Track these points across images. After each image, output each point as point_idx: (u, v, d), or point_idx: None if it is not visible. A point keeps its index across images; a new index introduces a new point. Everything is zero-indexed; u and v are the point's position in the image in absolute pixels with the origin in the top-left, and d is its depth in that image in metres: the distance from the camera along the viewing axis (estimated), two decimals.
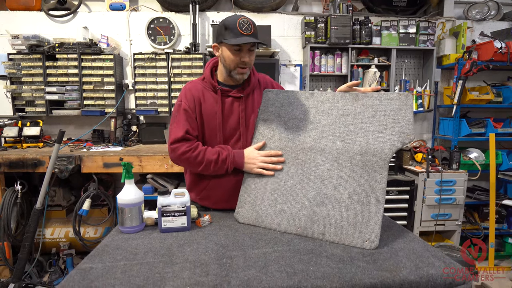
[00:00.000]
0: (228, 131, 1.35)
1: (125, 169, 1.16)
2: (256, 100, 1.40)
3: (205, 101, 1.34)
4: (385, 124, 1.13)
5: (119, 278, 0.84)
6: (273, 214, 1.17)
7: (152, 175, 2.45)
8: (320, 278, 0.84)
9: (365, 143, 1.13)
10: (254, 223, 1.19)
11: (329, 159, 1.16)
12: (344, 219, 1.05)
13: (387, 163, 1.07)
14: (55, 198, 2.67)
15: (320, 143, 1.20)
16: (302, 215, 1.11)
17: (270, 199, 1.20)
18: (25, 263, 2.17)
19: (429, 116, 3.32)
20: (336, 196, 1.10)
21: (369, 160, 1.10)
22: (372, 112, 1.17)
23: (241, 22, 1.21)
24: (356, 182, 1.09)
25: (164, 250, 1.01)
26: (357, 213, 1.04)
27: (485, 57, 2.82)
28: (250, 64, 1.30)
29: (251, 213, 1.21)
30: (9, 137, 2.61)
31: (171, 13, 3.01)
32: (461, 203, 2.78)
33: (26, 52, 2.75)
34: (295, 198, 1.16)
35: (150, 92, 2.87)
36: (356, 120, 1.18)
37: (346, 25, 2.83)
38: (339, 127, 1.20)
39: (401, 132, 1.10)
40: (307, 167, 1.19)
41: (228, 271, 0.87)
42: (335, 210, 1.08)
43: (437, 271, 0.89)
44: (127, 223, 1.16)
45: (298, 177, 1.19)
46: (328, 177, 1.14)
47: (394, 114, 1.13)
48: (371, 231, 1.00)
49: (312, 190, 1.15)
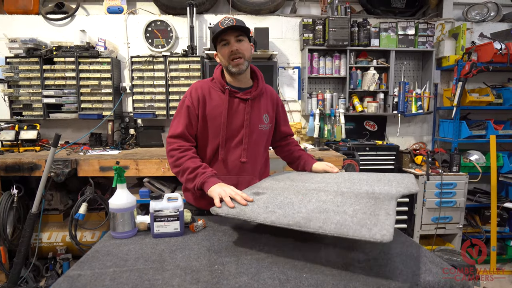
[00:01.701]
0: (231, 131, 1.36)
1: (117, 174, 1.14)
2: (262, 107, 1.42)
3: (211, 99, 1.35)
4: (390, 184, 1.17)
5: (107, 285, 0.82)
6: (261, 212, 0.98)
7: (149, 178, 2.43)
8: (314, 286, 0.81)
9: (371, 190, 1.12)
10: (235, 215, 0.98)
11: (332, 194, 1.10)
12: (349, 221, 0.86)
13: (395, 199, 1.02)
14: (52, 202, 2.65)
15: (325, 188, 1.18)
16: (297, 216, 0.93)
17: (261, 205, 1.03)
18: (21, 268, 2.15)
19: (429, 118, 3.30)
20: (340, 210, 0.95)
21: (376, 196, 1.05)
22: (377, 179, 1.25)
23: (223, 20, 1.27)
24: (362, 204, 0.98)
25: (156, 256, 0.98)
26: (364, 219, 0.87)
27: (484, 58, 2.80)
28: (242, 54, 1.30)
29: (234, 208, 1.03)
30: (6, 141, 2.60)
31: (168, 16, 3.00)
32: (462, 206, 2.75)
33: (23, 55, 2.74)
34: (290, 207, 1.00)
35: (147, 95, 2.86)
36: (362, 181, 1.24)
37: (344, 27, 2.82)
38: (345, 183, 1.22)
39: (407, 187, 1.13)
40: (308, 195, 1.10)
41: (219, 278, 0.85)
42: (338, 216, 0.90)
43: (434, 277, 0.86)
44: (119, 228, 1.13)
45: (295, 199, 1.07)
46: (331, 201, 1.03)
47: (398, 180, 1.22)
48: (383, 228, 0.80)
49: (312, 206, 1.00)
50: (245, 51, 1.30)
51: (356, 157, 2.67)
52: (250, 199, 1.08)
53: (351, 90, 3.01)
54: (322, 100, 3.02)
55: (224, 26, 1.24)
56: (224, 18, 1.27)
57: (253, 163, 1.41)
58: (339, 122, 2.96)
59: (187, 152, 1.30)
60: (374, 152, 2.86)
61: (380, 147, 2.90)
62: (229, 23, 1.24)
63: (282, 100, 3.14)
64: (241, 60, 1.29)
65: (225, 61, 1.32)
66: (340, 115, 2.94)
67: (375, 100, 3.05)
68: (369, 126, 3.22)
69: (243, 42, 1.30)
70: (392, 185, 1.15)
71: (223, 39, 1.29)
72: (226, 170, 1.38)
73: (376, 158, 2.87)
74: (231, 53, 1.28)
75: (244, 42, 1.30)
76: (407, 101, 3.00)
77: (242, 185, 1.39)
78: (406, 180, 1.21)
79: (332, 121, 3.00)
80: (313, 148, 2.88)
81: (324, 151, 2.74)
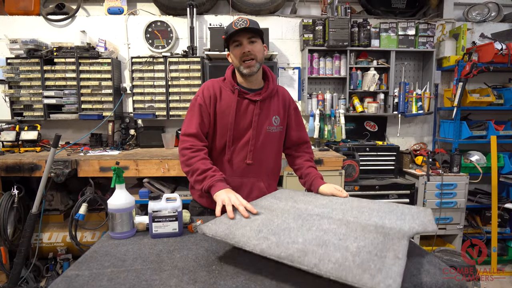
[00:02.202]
0: (239, 131, 1.35)
1: (115, 174, 1.14)
2: (272, 108, 1.40)
3: (222, 99, 1.35)
4: (403, 218, 1.03)
5: (105, 286, 0.82)
6: (252, 237, 0.88)
7: (149, 179, 2.44)
8: (311, 284, 0.81)
9: (381, 222, 0.99)
10: (222, 238, 0.90)
11: (336, 223, 0.98)
12: (349, 261, 0.76)
13: (407, 238, 0.88)
14: (52, 202, 2.66)
15: (329, 214, 1.08)
16: (292, 247, 0.82)
17: (254, 229, 0.94)
18: (21, 268, 2.16)
19: (430, 119, 3.29)
20: (341, 244, 0.84)
21: (385, 232, 0.92)
22: (389, 209, 1.13)
23: (237, 20, 1.26)
24: (368, 240, 0.86)
25: (154, 257, 0.99)
26: (368, 260, 0.76)
27: (485, 58, 2.79)
28: (255, 55, 1.29)
29: (223, 229, 0.94)
30: (6, 142, 2.61)
31: (169, 17, 3.01)
32: (463, 207, 2.75)
33: (24, 56, 2.75)
34: (286, 235, 0.89)
35: (147, 95, 2.87)
36: (372, 211, 1.11)
37: (344, 28, 2.82)
38: (352, 211, 1.11)
39: (422, 224, 0.99)
40: (309, 221, 1.00)
41: (217, 278, 0.85)
42: (338, 252, 0.80)
43: (432, 278, 0.86)
44: (118, 228, 1.14)
45: (294, 224, 0.97)
46: (333, 231, 0.92)
47: (413, 214, 1.08)
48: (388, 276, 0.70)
49: (311, 235, 0.89)
50: (257, 53, 1.30)
51: (356, 158, 2.67)
52: (254, 211, 1.05)
53: (351, 91, 3.01)
54: (322, 101, 3.02)
55: (237, 27, 1.23)
56: (238, 19, 1.26)
57: (259, 166, 1.40)
58: (339, 122, 2.96)
59: (199, 152, 1.29)
60: (374, 152, 2.86)
61: (380, 147, 2.89)
62: (243, 24, 1.24)
63: None
64: (253, 61, 1.29)
65: (237, 62, 1.31)
66: (340, 116, 2.94)
67: (375, 101, 3.05)
68: (370, 126, 3.21)
69: (255, 43, 1.29)
70: (406, 219, 1.02)
71: (235, 40, 1.28)
72: (231, 170, 1.37)
73: (376, 159, 2.86)
74: (243, 54, 1.28)
75: (256, 44, 1.30)
76: (408, 101, 3.00)
77: (246, 187, 1.39)
78: (422, 215, 1.07)
79: (332, 122, 3.00)
80: (313, 148, 2.87)
81: (324, 151, 2.74)
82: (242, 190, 1.38)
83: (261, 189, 1.41)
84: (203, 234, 0.94)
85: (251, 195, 1.38)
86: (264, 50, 1.35)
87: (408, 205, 1.19)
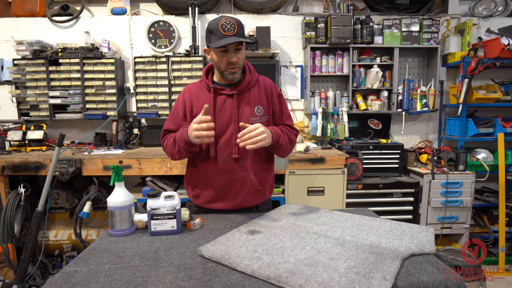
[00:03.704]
0: (220, 127, 1.35)
1: (114, 172, 1.16)
2: (252, 98, 1.39)
3: (198, 100, 1.37)
4: (402, 238, 1.06)
5: (101, 282, 0.83)
6: (246, 258, 0.92)
7: (152, 177, 2.46)
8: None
9: (377, 242, 1.03)
10: (218, 260, 0.93)
11: (332, 242, 1.02)
12: (335, 282, 0.79)
13: (401, 260, 0.91)
14: (58, 200, 2.70)
15: (327, 232, 1.11)
16: (282, 267, 0.86)
17: (250, 249, 0.98)
18: (28, 265, 2.20)
19: (435, 116, 3.25)
20: (331, 265, 0.88)
21: (380, 252, 0.95)
22: (389, 228, 1.15)
23: (223, 23, 1.22)
24: (359, 260, 0.90)
25: (151, 254, 1.00)
26: (353, 281, 0.79)
27: (492, 54, 2.74)
28: (239, 64, 1.30)
29: (220, 251, 0.97)
30: (13, 141, 2.66)
31: (171, 16, 3.03)
32: (469, 206, 2.70)
33: (30, 57, 2.80)
34: (280, 254, 0.94)
35: (150, 95, 2.89)
36: (371, 229, 1.15)
37: (346, 25, 2.80)
38: (351, 229, 1.14)
39: (420, 244, 1.01)
40: (305, 240, 1.04)
41: (212, 276, 0.86)
42: (326, 273, 0.83)
43: (429, 277, 0.85)
44: (117, 226, 1.15)
45: (290, 243, 1.01)
46: (327, 250, 0.96)
47: (413, 234, 1.10)
48: None
49: (304, 255, 0.94)
50: (241, 60, 1.31)
51: (359, 156, 2.65)
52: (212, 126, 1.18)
53: (354, 88, 2.98)
54: (325, 99, 3.00)
55: (225, 31, 1.20)
56: (225, 21, 1.22)
57: (247, 159, 1.38)
58: (342, 120, 2.94)
59: (166, 136, 1.42)
60: (378, 150, 2.83)
61: (384, 145, 2.86)
62: (231, 29, 1.21)
63: (285, 99, 3.13)
64: (237, 68, 1.31)
65: (221, 67, 1.30)
66: (343, 114, 2.92)
67: (378, 98, 3.01)
68: (373, 124, 3.18)
69: (241, 50, 1.29)
70: (403, 239, 1.04)
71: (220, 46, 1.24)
72: (218, 168, 1.36)
73: (380, 157, 2.83)
74: (230, 63, 1.28)
75: (241, 51, 1.30)
76: (412, 99, 2.96)
77: (237, 182, 1.38)
78: (423, 235, 1.08)
79: (335, 120, 2.98)
80: (316, 147, 2.86)
81: (327, 149, 2.73)
82: (234, 185, 1.38)
83: (253, 182, 1.39)
84: (201, 255, 0.97)
85: (243, 189, 1.38)
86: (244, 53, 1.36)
87: (411, 224, 1.20)
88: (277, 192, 2.46)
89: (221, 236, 1.09)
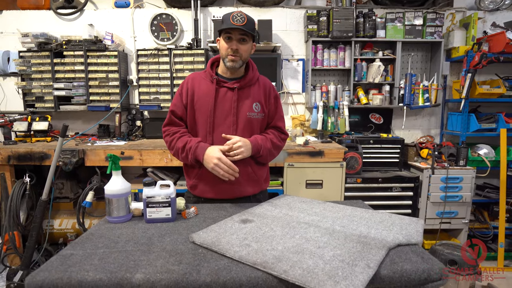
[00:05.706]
0: (219, 118, 1.41)
1: (111, 161, 1.19)
2: (252, 95, 1.45)
3: (200, 88, 1.43)
4: (391, 228, 1.09)
5: (95, 264, 0.87)
6: (235, 245, 0.95)
7: (153, 168, 2.50)
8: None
9: (366, 232, 1.05)
10: (208, 246, 0.96)
11: (321, 232, 1.05)
12: (319, 268, 0.81)
13: (387, 249, 0.93)
14: (63, 190, 2.77)
15: (318, 222, 1.14)
16: (269, 254, 0.89)
17: (240, 237, 1.01)
18: (33, 252, 2.28)
19: (437, 111, 3.22)
20: (318, 252, 0.90)
21: (367, 241, 0.98)
22: (380, 219, 1.18)
23: (235, 14, 1.31)
24: (346, 249, 0.92)
25: (145, 240, 1.03)
26: (337, 268, 0.81)
27: (496, 49, 2.69)
28: (240, 54, 1.35)
29: (211, 238, 1.01)
30: (19, 132, 2.72)
31: (174, 9, 3.04)
32: (468, 201, 2.69)
33: (35, 49, 2.85)
34: (268, 242, 0.97)
35: (153, 87, 2.92)
36: (362, 220, 1.18)
37: (349, 18, 2.77)
38: (342, 220, 1.17)
39: (408, 235, 1.04)
40: (296, 229, 1.08)
41: (201, 261, 0.89)
42: (311, 260, 0.85)
43: (412, 266, 0.87)
44: (114, 213, 1.19)
45: (280, 232, 1.05)
46: (315, 239, 0.99)
47: (402, 225, 1.13)
48: (351, 284, 0.74)
49: (292, 243, 0.96)
50: (244, 52, 1.36)
51: (359, 150, 2.65)
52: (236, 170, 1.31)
53: (355, 82, 2.97)
54: (326, 93, 2.99)
55: (234, 21, 1.28)
56: (237, 13, 1.31)
57: None
58: (343, 114, 2.94)
59: (175, 135, 1.43)
60: (378, 145, 2.83)
61: (385, 140, 2.86)
62: (240, 21, 1.29)
63: (286, 92, 3.14)
64: (237, 58, 1.35)
65: (223, 52, 1.38)
66: (344, 108, 2.92)
67: (380, 93, 3.00)
68: (375, 118, 3.17)
69: (245, 42, 1.35)
70: (392, 230, 1.07)
71: (228, 32, 1.33)
72: None
73: (380, 151, 2.83)
74: (231, 49, 1.34)
75: (246, 43, 1.35)
76: (414, 93, 2.94)
77: None
78: (412, 226, 1.11)
79: (336, 114, 2.98)
80: (316, 140, 2.87)
81: (326, 143, 2.73)
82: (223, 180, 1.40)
83: (249, 174, 1.46)
84: (192, 242, 1.01)
85: (239, 179, 1.40)
86: (252, 48, 1.41)
87: (402, 216, 1.23)
88: (276, 184, 2.48)
89: (214, 224, 1.13)
